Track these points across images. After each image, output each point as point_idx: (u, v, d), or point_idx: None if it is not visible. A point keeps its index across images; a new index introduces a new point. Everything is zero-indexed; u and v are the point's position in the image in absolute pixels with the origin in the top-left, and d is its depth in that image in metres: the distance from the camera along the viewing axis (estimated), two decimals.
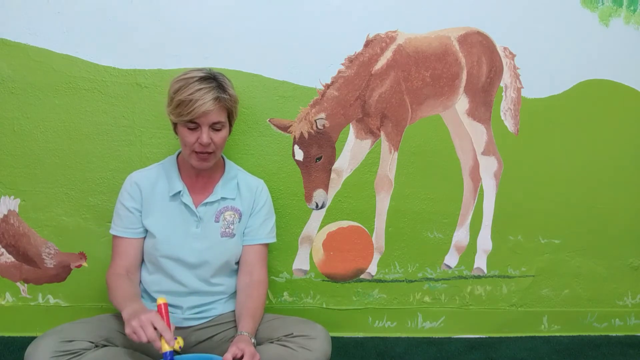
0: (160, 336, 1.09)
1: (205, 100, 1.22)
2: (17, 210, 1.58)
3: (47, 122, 1.55)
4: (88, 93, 1.55)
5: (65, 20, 1.52)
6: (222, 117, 1.29)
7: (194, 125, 1.26)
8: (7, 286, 1.61)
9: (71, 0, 1.51)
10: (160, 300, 1.16)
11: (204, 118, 1.25)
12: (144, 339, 1.08)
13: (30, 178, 1.57)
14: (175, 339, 1.11)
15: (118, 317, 1.31)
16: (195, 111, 1.22)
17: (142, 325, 1.08)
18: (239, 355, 1.12)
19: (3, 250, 1.60)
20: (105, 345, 1.18)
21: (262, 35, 1.60)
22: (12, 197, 1.58)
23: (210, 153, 1.30)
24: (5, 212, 1.58)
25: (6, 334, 1.62)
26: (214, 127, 1.28)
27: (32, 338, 1.17)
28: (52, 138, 1.56)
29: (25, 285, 1.62)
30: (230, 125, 1.37)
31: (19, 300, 1.63)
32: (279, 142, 1.65)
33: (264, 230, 1.44)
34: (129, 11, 1.54)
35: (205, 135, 1.26)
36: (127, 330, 1.10)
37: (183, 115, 1.24)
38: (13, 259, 1.60)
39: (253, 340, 1.22)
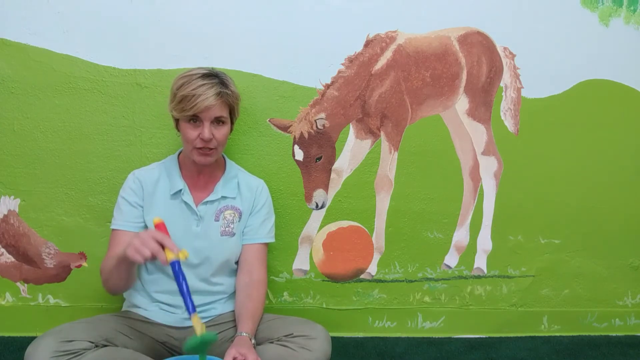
0: (164, 248, 1.07)
1: (208, 95, 1.25)
2: (17, 210, 1.58)
3: (47, 122, 1.55)
4: (88, 93, 1.55)
5: (65, 20, 1.52)
6: (224, 113, 1.31)
7: (196, 120, 1.28)
8: (7, 286, 1.61)
9: (71, 0, 1.52)
10: (156, 219, 1.15)
11: (206, 113, 1.27)
12: (147, 253, 1.05)
13: (30, 178, 1.57)
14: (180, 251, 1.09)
15: (118, 317, 1.31)
16: (197, 106, 1.24)
17: (143, 241, 1.06)
18: (239, 359, 1.12)
19: (3, 250, 1.60)
20: (105, 345, 1.18)
21: (262, 35, 1.60)
22: (12, 197, 1.58)
23: (212, 149, 1.31)
24: (5, 212, 1.58)
25: (6, 334, 1.61)
26: (216, 122, 1.30)
27: (32, 338, 1.17)
28: (52, 138, 1.56)
29: (25, 285, 1.62)
30: (232, 122, 1.38)
31: (19, 300, 1.62)
32: (279, 142, 1.65)
33: (264, 229, 1.44)
34: (129, 11, 1.54)
35: (207, 130, 1.27)
36: (130, 252, 1.06)
37: (186, 110, 1.26)
38: (13, 259, 1.60)
39: (253, 341, 1.22)
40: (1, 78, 1.52)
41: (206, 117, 1.27)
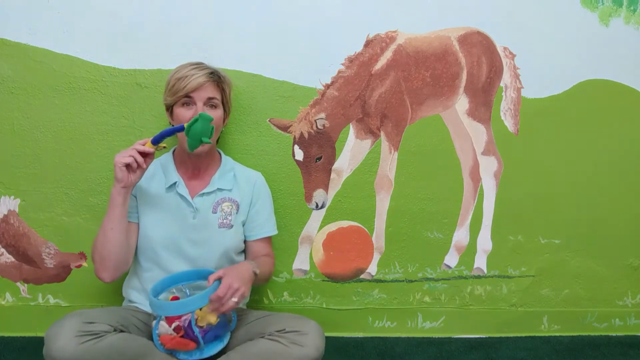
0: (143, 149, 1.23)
1: (199, 75, 1.32)
2: (17, 210, 1.58)
3: (47, 122, 1.55)
4: (88, 93, 1.55)
5: (65, 20, 1.52)
6: (217, 95, 1.36)
7: (189, 101, 1.33)
8: (7, 286, 1.61)
9: (71, 0, 1.52)
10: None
11: (198, 92, 1.32)
12: (132, 152, 1.20)
13: (30, 178, 1.57)
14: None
15: (129, 309, 1.33)
16: (190, 85, 1.30)
17: (122, 152, 1.21)
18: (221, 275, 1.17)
19: (3, 250, 1.60)
20: (122, 331, 1.18)
21: (262, 35, 1.60)
22: (12, 197, 1.58)
23: None
24: (5, 212, 1.58)
25: (6, 334, 1.61)
26: (209, 106, 1.34)
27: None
28: (52, 138, 1.56)
29: (25, 285, 1.62)
30: (225, 110, 1.42)
31: (19, 300, 1.62)
32: (279, 142, 1.65)
33: (270, 223, 1.49)
34: (130, 11, 1.54)
35: (200, 110, 1.31)
36: (117, 159, 1.20)
37: (179, 91, 1.31)
38: (13, 259, 1.60)
39: (256, 270, 1.27)
40: (1, 78, 1.52)
41: (198, 97, 1.32)
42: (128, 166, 1.21)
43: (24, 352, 1.52)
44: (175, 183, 1.37)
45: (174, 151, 1.45)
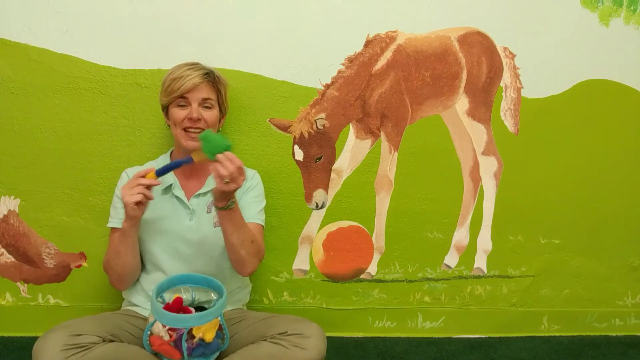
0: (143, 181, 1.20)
1: (194, 75, 1.32)
2: (17, 210, 1.58)
3: (47, 122, 1.55)
4: (88, 93, 1.55)
5: (65, 20, 1.52)
6: (212, 96, 1.36)
7: (184, 102, 1.33)
8: (7, 286, 1.61)
9: (71, 0, 1.52)
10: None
11: (193, 93, 1.32)
12: (140, 189, 1.17)
13: (30, 178, 1.57)
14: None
15: (120, 314, 1.32)
16: (185, 86, 1.30)
17: (128, 188, 1.18)
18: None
19: (3, 250, 1.60)
20: (112, 341, 1.17)
21: (262, 35, 1.60)
22: (12, 197, 1.58)
23: (200, 129, 1.32)
24: (5, 212, 1.58)
25: (6, 334, 1.61)
26: (204, 104, 1.34)
27: (32, 338, 1.17)
28: (52, 138, 1.56)
29: (25, 285, 1.62)
30: (222, 111, 1.41)
31: (19, 300, 1.62)
32: (279, 142, 1.65)
33: (253, 210, 1.40)
34: (129, 11, 1.54)
35: (195, 110, 1.31)
36: (126, 200, 1.17)
37: (174, 92, 1.31)
38: (13, 259, 1.60)
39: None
40: (1, 78, 1.52)
41: (193, 97, 1.32)
42: (138, 203, 1.20)
43: (24, 352, 1.52)
44: (171, 185, 1.37)
45: (171, 153, 1.44)
